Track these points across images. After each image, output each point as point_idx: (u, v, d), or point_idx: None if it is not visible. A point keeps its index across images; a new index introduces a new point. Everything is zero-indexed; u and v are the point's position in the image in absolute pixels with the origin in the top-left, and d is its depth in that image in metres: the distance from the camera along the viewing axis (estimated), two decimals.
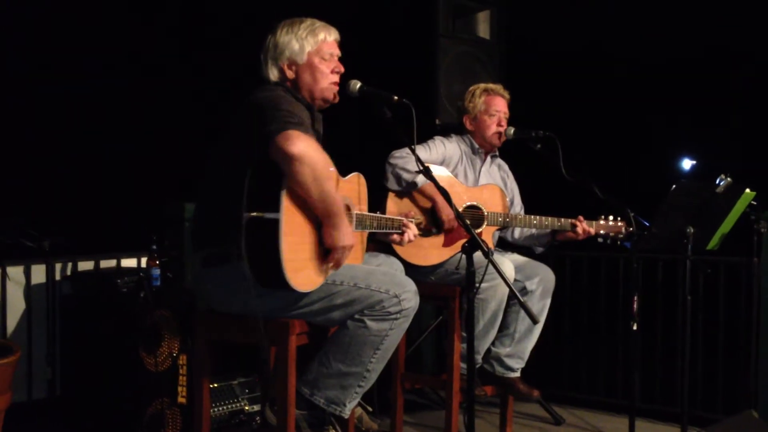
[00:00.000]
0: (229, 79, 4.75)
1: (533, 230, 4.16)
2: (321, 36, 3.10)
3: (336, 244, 2.88)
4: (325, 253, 2.93)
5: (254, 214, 2.73)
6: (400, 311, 2.95)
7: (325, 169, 2.78)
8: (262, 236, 2.73)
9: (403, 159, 3.78)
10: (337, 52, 3.14)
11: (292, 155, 2.67)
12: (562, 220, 3.98)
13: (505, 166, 4.33)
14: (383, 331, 2.94)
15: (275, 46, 3.08)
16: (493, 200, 4.01)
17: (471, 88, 4.17)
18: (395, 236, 3.39)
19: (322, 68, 3.09)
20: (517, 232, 4.22)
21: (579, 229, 3.97)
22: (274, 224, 2.72)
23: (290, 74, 3.08)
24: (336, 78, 3.12)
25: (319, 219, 2.90)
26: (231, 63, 4.88)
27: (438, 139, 4.09)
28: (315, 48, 3.08)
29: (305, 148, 2.69)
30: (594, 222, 4.00)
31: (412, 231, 3.38)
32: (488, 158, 4.19)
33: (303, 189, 2.75)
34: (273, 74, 3.09)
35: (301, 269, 2.81)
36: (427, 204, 3.85)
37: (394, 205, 3.83)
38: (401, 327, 2.99)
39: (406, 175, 3.78)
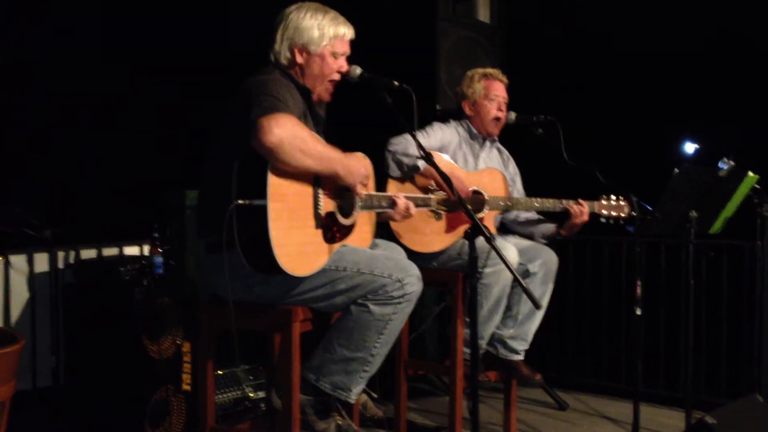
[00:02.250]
0: (229, 66, 4.74)
1: (534, 214, 4.14)
2: (342, 31, 3.09)
3: (355, 181, 2.94)
4: (325, 232, 2.93)
5: (241, 201, 2.73)
6: (403, 295, 2.95)
7: (308, 135, 2.77)
8: (252, 223, 2.72)
9: (402, 145, 3.78)
10: (348, 51, 3.13)
11: (271, 146, 2.66)
12: (563, 201, 3.97)
13: (506, 152, 4.31)
14: (387, 315, 2.95)
15: (296, 27, 3.04)
16: (493, 184, 4.00)
17: (469, 73, 4.16)
18: (389, 212, 3.28)
19: (330, 63, 3.08)
20: (520, 215, 4.20)
21: (576, 209, 3.93)
22: (262, 211, 2.71)
23: (300, 60, 3.06)
24: (337, 77, 3.12)
25: (314, 199, 2.90)
26: (231, 50, 4.87)
27: (436, 125, 4.08)
28: (332, 42, 3.07)
29: (280, 133, 2.66)
30: (596, 202, 3.98)
31: (402, 201, 3.28)
32: (487, 143, 4.17)
33: (298, 167, 2.75)
34: (281, 53, 3.06)
35: (295, 254, 2.80)
36: (431, 186, 3.84)
37: (396, 191, 3.82)
38: (405, 311, 2.99)
39: (407, 160, 3.77)
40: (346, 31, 3.10)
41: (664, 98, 5.09)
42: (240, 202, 2.72)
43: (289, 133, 2.69)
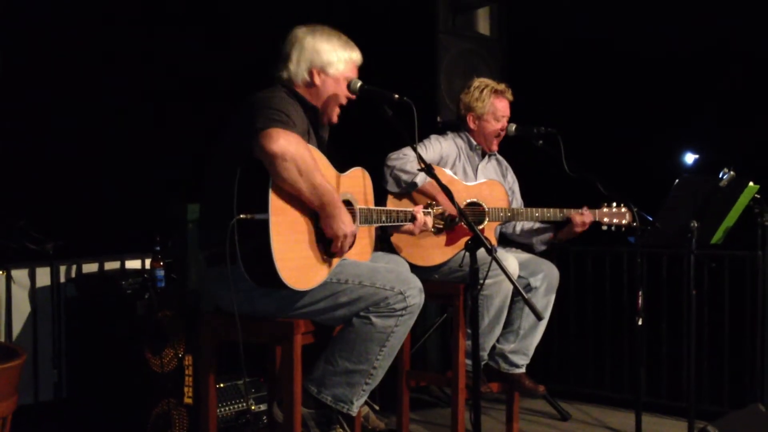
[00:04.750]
0: (231, 79, 4.76)
1: (534, 225, 4.14)
2: (355, 56, 3.14)
3: (336, 233, 2.88)
4: (326, 247, 2.93)
5: (243, 216, 2.73)
6: (405, 308, 2.95)
7: (311, 161, 2.77)
8: (253, 238, 2.72)
9: (401, 160, 3.78)
10: (355, 77, 3.14)
11: (273, 153, 2.67)
12: (564, 210, 3.97)
13: (504, 162, 4.31)
14: (389, 327, 2.95)
15: (313, 49, 3.07)
16: (493, 196, 4.00)
17: (477, 84, 4.08)
18: (408, 226, 3.33)
19: (343, 86, 3.11)
20: (517, 227, 4.20)
21: (578, 219, 3.94)
22: (264, 225, 2.71)
23: (318, 80, 3.08)
24: (345, 101, 3.15)
25: (315, 214, 2.90)
26: (233, 63, 4.89)
27: (434, 138, 4.07)
28: (347, 66, 3.11)
29: (285, 145, 2.68)
30: (598, 210, 3.98)
31: (422, 216, 3.31)
32: (486, 155, 4.17)
33: (291, 185, 2.75)
34: (299, 74, 3.08)
35: (296, 268, 2.81)
36: (429, 203, 3.84)
37: (394, 206, 3.82)
38: (407, 323, 2.99)
39: (405, 176, 3.77)
40: (358, 56, 3.15)
41: (665, 108, 5.10)
42: (242, 216, 2.73)
43: (294, 149, 2.70)
